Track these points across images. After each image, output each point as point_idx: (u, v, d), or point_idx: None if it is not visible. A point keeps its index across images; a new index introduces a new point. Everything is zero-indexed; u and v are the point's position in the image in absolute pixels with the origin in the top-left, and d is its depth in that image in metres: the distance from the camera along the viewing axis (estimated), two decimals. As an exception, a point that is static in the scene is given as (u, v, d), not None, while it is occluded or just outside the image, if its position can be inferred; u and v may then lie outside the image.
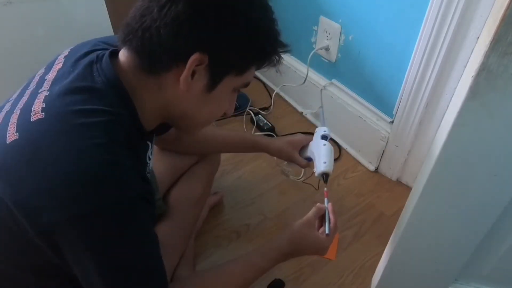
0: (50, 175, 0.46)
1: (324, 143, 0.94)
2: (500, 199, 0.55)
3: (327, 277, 0.99)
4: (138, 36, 0.52)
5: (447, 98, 1.00)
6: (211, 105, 0.59)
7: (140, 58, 0.54)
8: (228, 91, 0.59)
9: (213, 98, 0.58)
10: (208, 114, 0.62)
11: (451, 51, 0.93)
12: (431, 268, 0.73)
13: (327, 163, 0.91)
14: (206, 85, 0.56)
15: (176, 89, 0.54)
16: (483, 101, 0.44)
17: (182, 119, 0.62)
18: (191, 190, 0.99)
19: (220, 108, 0.62)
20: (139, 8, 0.52)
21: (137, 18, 0.52)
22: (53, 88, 0.53)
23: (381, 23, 1.08)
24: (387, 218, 1.15)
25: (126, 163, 0.50)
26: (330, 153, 0.92)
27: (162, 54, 0.52)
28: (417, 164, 1.17)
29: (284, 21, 1.46)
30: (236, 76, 0.57)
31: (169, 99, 0.57)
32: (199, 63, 0.52)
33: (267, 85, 1.70)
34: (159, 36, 0.51)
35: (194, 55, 0.51)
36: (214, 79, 0.55)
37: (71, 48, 0.63)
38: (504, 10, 0.37)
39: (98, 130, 0.49)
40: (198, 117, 0.61)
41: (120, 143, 0.51)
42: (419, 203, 0.60)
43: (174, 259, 0.92)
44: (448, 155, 0.52)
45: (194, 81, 0.54)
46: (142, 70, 0.54)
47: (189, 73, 0.52)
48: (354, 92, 1.28)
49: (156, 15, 0.50)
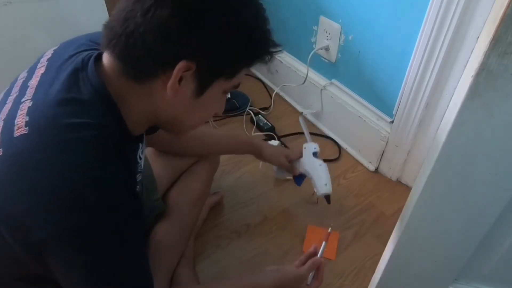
0: (37, 194, 0.45)
1: (320, 163, 0.99)
2: (500, 198, 0.55)
3: (327, 277, 0.99)
4: (121, 41, 0.50)
5: (447, 98, 1.00)
6: (200, 110, 0.58)
7: (125, 65, 0.51)
8: (218, 95, 0.58)
9: (202, 102, 0.56)
10: (198, 118, 0.61)
11: (451, 51, 0.93)
12: (431, 268, 0.73)
13: (328, 185, 0.96)
14: (194, 91, 0.54)
15: (164, 95, 0.53)
16: (483, 101, 0.44)
17: (171, 124, 0.61)
18: (190, 189, 0.99)
19: (209, 111, 0.61)
20: (122, 10, 0.49)
21: (120, 21, 0.49)
22: (36, 98, 0.51)
23: (381, 23, 1.08)
24: (387, 218, 1.15)
25: (115, 179, 0.49)
26: (328, 173, 0.98)
27: (147, 61, 0.50)
28: (417, 164, 1.17)
29: (284, 21, 1.47)
30: (226, 80, 0.55)
31: (157, 105, 0.55)
32: (186, 70, 0.50)
33: (267, 85, 1.70)
34: (143, 42, 0.48)
35: (181, 63, 0.49)
36: (202, 85, 0.54)
37: (54, 50, 0.61)
38: (504, 10, 0.37)
39: (86, 146, 0.48)
40: (187, 122, 0.61)
41: (109, 157, 0.49)
42: (419, 203, 0.60)
43: (173, 259, 0.92)
44: (448, 155, 0.52)
45: (181, 87, 0.52)
46: (128, 76, 0.52)
47: (176, 81, 0.51)
48: (354, 92, 1.29)
49: (140, 19, 0.48)
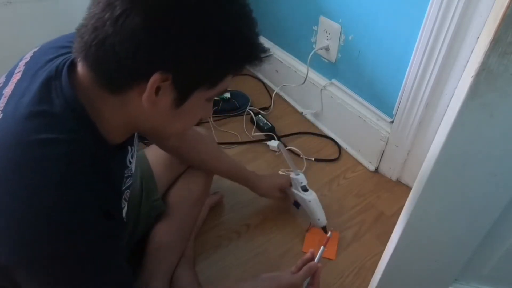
0: (4, 216, 0.44)
1: (309, 198, 1.03)
2: (500, 199, 0.55)
3: (327, 277, 0.99)
4: (91, 52, 0.46)
5: (447, 98, 1.00)
6: (181, 119, 0.54)
7: (97, 76, 0.48)
8: (201, 103, 0.54)
9: (184, 111, 0.52)
10: (180, 126, 0.57)
11: (451, 51, 0.93)
12: (431, 268, 0.73)
13: (321, 219, 1.02)
14: (174, 101, 0.50)
15: (141, 106, 0.49)
16: (483, 101, 0.44)
17: (152, 132, 0.59)
18: (190, 189, 0.98)
19: (193, 119, 0.57)
20: (92, 17, 0.46)
21: (90, 29, 0.46)
22: (6, 111, 0.49)
23: (381, 23, 1.08)
24: (387, 218, 1.15)
25: (86, 201, 0.47)
26: (318, 207, 1.02)
27: (119, 73, 0.47)
28: (417, 164, 1.17)
29: (284, 21, 1.47)
30: (209, 89, 0.51)
31: (135, 115, 0.52)
32: (162, 81, 0.47)
33: (267, 85, 1.70)
34: (114, 53, 0.45)
35: (154, 75, 0.45)
36: (182, 95, 0.50)
37: (34, 52, 0.58)
38: (504, 10, 0.37)
39: (57, 164, 0.45)
40: (169, 130, 0.58)
41: (81, 176, 0.47)
42: (419, 203, 0.60)
43: (173, 259, 0.92)
44: (448, 155, 0.52)
45: (159, 98, 0.48)
46: (101, 87, 0.49)
47: (151, 93, 0.47)
48: (354, 92, 1.28)
49: (110, 29, 0.44)
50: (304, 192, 1.02)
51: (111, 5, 0.44)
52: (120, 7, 0.43)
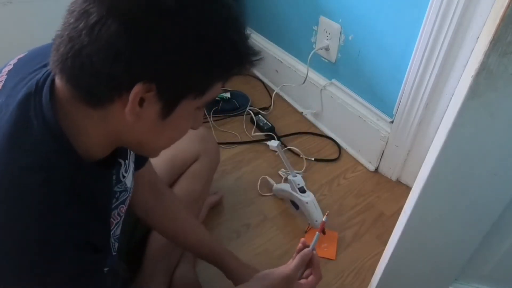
0: None
1: (307, 200, 1.02)
2: (500, 199, 0.55)
3: (327, 277, 0.99)
4: (68, 65, 0.43)
5: (447, 98, 1.00)
6: (169, 131, 0.51)
7: (75, 90, 0.45)
8: (189, 112, 0.50)
9: (171, 123, 0.48)
10: (167, 139, 0.53)
11: (451, 51, 0.93)
12: (431, 268, 0.73)
13: (318, 221, 1.01)
14: (160, 112, 0.46)
15: (125, 119, 0.45)
16: (483, 101, 0.44)
17: (138, 147, 0.55)
18: (190, 189, 0.98)
19: (181, 131, 0.53)
20: (66, 27, 0.43)
21: (65, 40, 0.42)
22: None
23: (381, 23, 1.08)
24: (387, 218, 1.15)
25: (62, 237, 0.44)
26: (316, 208, 1.01)
27: (98, 86, 0.44)
28: (417, 164, 1.17)
29: (284, 21, 1.47)
30: (196, 98, 0.47)
31: (119, 129, 0.48)
32: (146, 92, 0.43)
33: (267, 85, 1.70)
34: (91, 64, 0.42)
35: (136, 87, 0.42)
36: (168, 106, 0.46)
37: (19, 59, 0.55)
38: (504, 9, 0.37)
39: (36, 194, 0.43)
40: (155, 144, 0.54)
41: (58, 207, 0.45)
42: (419, 203, 0.60)
43: (173, 259, 0.92)
44: (448, 155, 0.52)
45: (144, 109, 0.45)
46: (81, 102, 0.45)
47: (135, 105, 0.44)
48: (354, 92, 1.28)
49: (86, 39, 0.41)
50: (302, 193, 1.03)
51: (86, 13, 0.41)
52: (95, 15, 0.40)
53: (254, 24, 1.67)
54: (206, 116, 1.50)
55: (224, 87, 1.67)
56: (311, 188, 1.15)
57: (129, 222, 0.89)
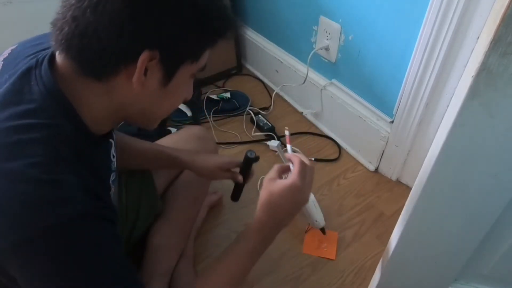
0: None
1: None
2: (500, 199, 0.55)
3: (327, 277, 0.99)
4: (74, 43, 0.46)
5: (447, 98, 1.00)
6: (169, 98, 0.56)
7: (82, 66, 0.48)
8: (185, 79, 0.56)
9: (171, 90, 0.54)
10: (168, 106, 0.58)
11: (451, 51, 0.93)
12: (431, 268, 0.73)
13: (318, 221, 1.02)
14: (162, 80, 0.52)
15: (129, 90, 0.50)
16: (483, 101, 0.44)
17: (140, 117, 0.58)
18: (189, 189, 0.99)
19: (179, 98, 0.58)
20: (69, 8, 0.46)
21: (69, 21, 0.45)
22: None
23: (381, 23, 1.08)
24: (387, 218, 1.15)
25: (69, 180, 0.45)
26: (316, 208, 1.02)
27: (106, 59, 0.47)
28: (417, 164, 1.17)
29: (284, 21, 1.47)
30: (192, 63, 0.53)
31: (122, 100, 0.52)
32: (150, 60, 0.48)
33: (267, 85, 1.70)
34: (99, 40, 0.45)
35: (144, 53, 0.47)
36: (169, 72, 0.52)
37: (12, 49, 0.57)
38: (504, 10, 0.37)
39: (35, 148, 0.44)
40: (157, 111, 0.58)
41: (62, 159, 0.46)
42: (419, 203, 0.60)
43: (173, 258, 0.92)
44: (448, 155, 0.52)
45: (147, 79, 0.50)
46: (86, 77, 0.49)
47: (142, 73, 0.48)
48: (354, 92, 1.28)
49: (91, 16, 0.44)
50: None
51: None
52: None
53: (254, 24, 1.67)
54: (206, 116, 1.50)
55: (224, 87, 1.67)
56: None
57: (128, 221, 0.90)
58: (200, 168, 0.90)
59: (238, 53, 1.73)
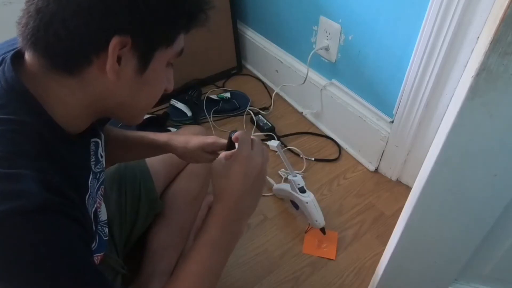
0: None
1: (307, 200, 1.02)
2: (500, 199, 0.55)
3: (327, 277, 0.99)
4: (40, 36, 0.44)
5: (447, 98, 1.00)
6: (147, 87, 0.53)
7: (51, 60, 0.46)
8: (162, 67, 0.53)
9: (148, 79, 0.51)
10: (147, 97, 0.55)
11: (451, 51, 0.93)
12: (431, 268, 0.73)
13: (318, 221, 1.01)
14: (137, 67, 0.49)
15: (104, 81, 0.48)
16: (483, 101, 0.44)
17: (120, 110, 0.55)
18: (188, 188, 0.98)
19: (158, 88, 0.55)
20: (31, 3, 0.44)
21: (33, 14, 0.44)
22: None
23: (381, 23, 1.08)
24: (387, 218, 1.15)
25: (27, 174, 0.41)
26: (316, 208, 1.01)
27: (76, 49, 0.45)
28: (417, 164, 1.17)
29: (284, 21, 1.46)
30: (167, 49, 0.51)
31: (98, 94, 0.50)
32: (122, 47, 0.45)
33: (267, 85, 1.70)
34: (66, 30, 0.43)
35: (113, 39, 0.44)
36: (144, 59, 0.49)
37: None
38: (504, 10, 0.37)
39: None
40: (137, 104, 0.55)
41: (22, 154, 0.43)
42: (419, 203, 0.60)
43: (172, 258, 0.92)
44: (448, 155, 0.52)
45: (122, 68, 0.47)
46: (57, 72, 0.47)
47: (114, 61, 0.46)
48: (354, 92, 1.28)
49: (55, 6, 0.43)
50: (302, 193, 1.02)
51: None
52: None
53: (254, 24, 1.67)
54: (206, 116, 1.50)
55: (224, 87, 1.67)
56: (311, 188, 1.15)
57: (127, 221, 0.90)
58: (181, 148, 0.81)
59: (238, 53, 1.73)
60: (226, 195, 0.57)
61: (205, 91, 1.61)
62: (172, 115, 1.48)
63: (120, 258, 0.84)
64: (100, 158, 0.63)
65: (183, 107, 1.48)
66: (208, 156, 0.80)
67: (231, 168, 0.57)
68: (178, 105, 1.48)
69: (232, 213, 0.58)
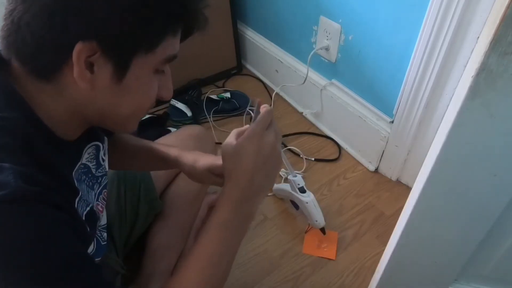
0: None
1: (307, 200, 1.02)
2: (500, 199, 0.55)
3: (327, 277, 0.99)
4: (12, 41, 0.43)
5: (447, 98, 1.00)
6: (130, 95, 0.48)
7: (24, 65, 0.44)
8: (147, 74, 0.48)
9: (129, 86, 0.47)
10: (130, 106, 0.50)
11: (451, 51, 0.93)
12: (431, 268, 0.73)
13: (318, 221, 1.01)
14: (113, 74, 0.45)
15: (80, 89, 0.44)
16: (483, 101, 0.44)
17: (103, 118, 0.51)
18: (187, 188, 0.98)
19: (143, 96, 0.50)
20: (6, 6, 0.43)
21: (7, 17, 0.42)
22: None
23: (381, 23, 1.08)
24: (387, 218, 1.15)
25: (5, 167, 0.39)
26: (316, 208, 1.01)
27: (42, 55, 0.43)
28: (417, 164, 1.17)
29: (284, 21, 1.46)
30: (148, 54, 0.45)
31: (76, 101, 0.47)
32: (91, 53, 0.42)
33: (267, 85, 1.70)
34: (31, 34, 0.41)
35: (77, 46, 0.41)
36: (119, 65, 0.45)
37: None
38: (504, 10, 0.37)
39: None
40: (119, 112, 0.50)
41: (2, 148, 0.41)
42: (419, 203, 0.60)
43: (172, 258, 0.92)
44: (448, 155, 0.52)
45: (96, 75, 0.44)
46: (34, 77, 0.45)
47: (82, 69, 0.43)
48: (354, 92, 1.28)
49: (21, 7, 0.40)
50: (302, 193, 1.02)
51: None
52: None
53: (254, 24, 1.67)
54: (206, 116, 1.50)
55: (224, 87, 1.67)
56: (311, 188, 1.15)
57: (127, 221, 0.90)
58: (188, 167, 0.75)
59: (238, 53, 1.73)
60: (237, 174, 0.53)
61: (205, 91, 1.61)
62: (172, 115, 1.48)
63: (120, 258, 0.85)
64: (101, 162, 0.62)
65: (183, 107, 1.48)
66: (215, 179, 0.73)
67: (242, 146, 0.53)
68: (178, 105, 1.48)
69: (244, 192, 0.53)
